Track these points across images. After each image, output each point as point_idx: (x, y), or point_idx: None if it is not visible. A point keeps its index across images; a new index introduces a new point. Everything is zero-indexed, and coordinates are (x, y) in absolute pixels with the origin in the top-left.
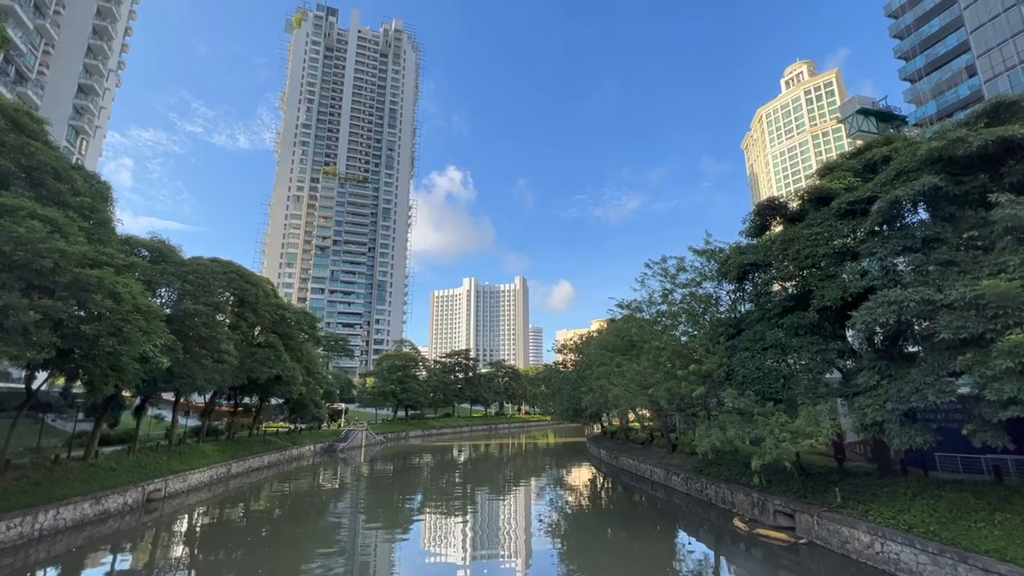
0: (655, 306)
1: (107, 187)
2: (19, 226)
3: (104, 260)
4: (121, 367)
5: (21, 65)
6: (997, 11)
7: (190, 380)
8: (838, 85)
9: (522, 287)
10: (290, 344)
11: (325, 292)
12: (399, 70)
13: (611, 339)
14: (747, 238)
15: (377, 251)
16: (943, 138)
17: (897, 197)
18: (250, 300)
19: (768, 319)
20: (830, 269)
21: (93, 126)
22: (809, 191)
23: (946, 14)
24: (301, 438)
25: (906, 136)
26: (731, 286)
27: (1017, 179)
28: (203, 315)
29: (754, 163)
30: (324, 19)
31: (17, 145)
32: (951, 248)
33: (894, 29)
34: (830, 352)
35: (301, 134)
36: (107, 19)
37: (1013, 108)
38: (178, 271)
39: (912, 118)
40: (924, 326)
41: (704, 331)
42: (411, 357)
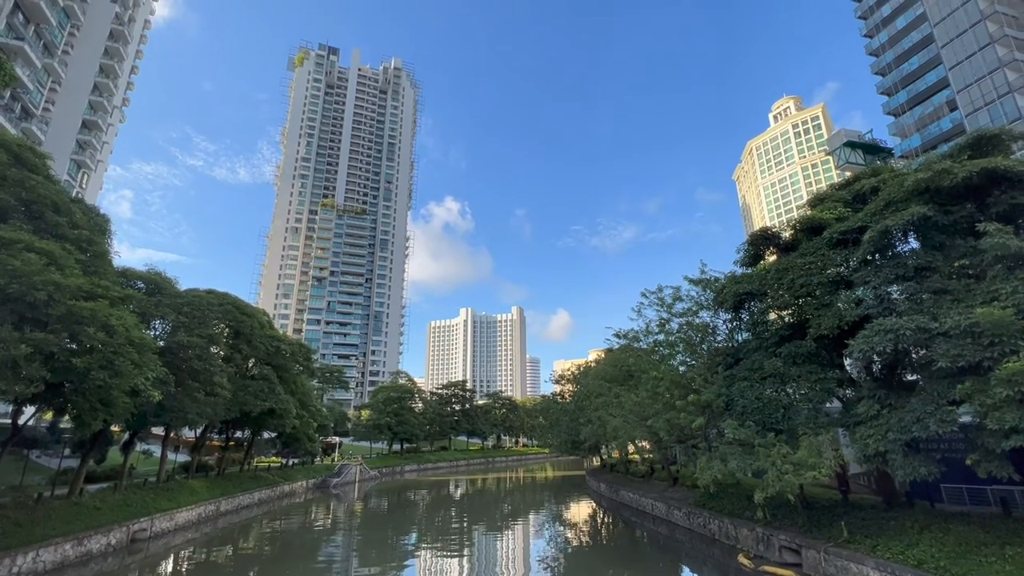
0: (652, 336)
1: (105, 220)
2: (15, 259)
3: (99, 292)
4: (111, 401)
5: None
6: (973, 50)
7: (181, 414)
8: (824, 119)
9: (519, 317)
10: (284, 376)
11: (321, 323)
12: (398, 106)
13: (609, 369)
14: (742, 267)
15: (374, 282)
16: (929, 169)
17: (887, 227)
18: (245, 332)
19: (766, 348)
20: (825, 298)
21: (95, 160)
22: (801, 221)
23: (924, 52)
24: (293, 473)
25: (893, 168)
26: (727, 315)
27: (1003, 208)
28: (197, 347)
29: (746, 193)
30: (326, 58)
31: (18, 179)
32: (943, 276)
33: (876, 66)
34: (829, 381)
35: (301, 167)
36: (114, 58)
37: (994, 141)
38: (173, 303)
39: (898, 150)
40: (921, 354)
41: (702, 361)
42: (407, 389)
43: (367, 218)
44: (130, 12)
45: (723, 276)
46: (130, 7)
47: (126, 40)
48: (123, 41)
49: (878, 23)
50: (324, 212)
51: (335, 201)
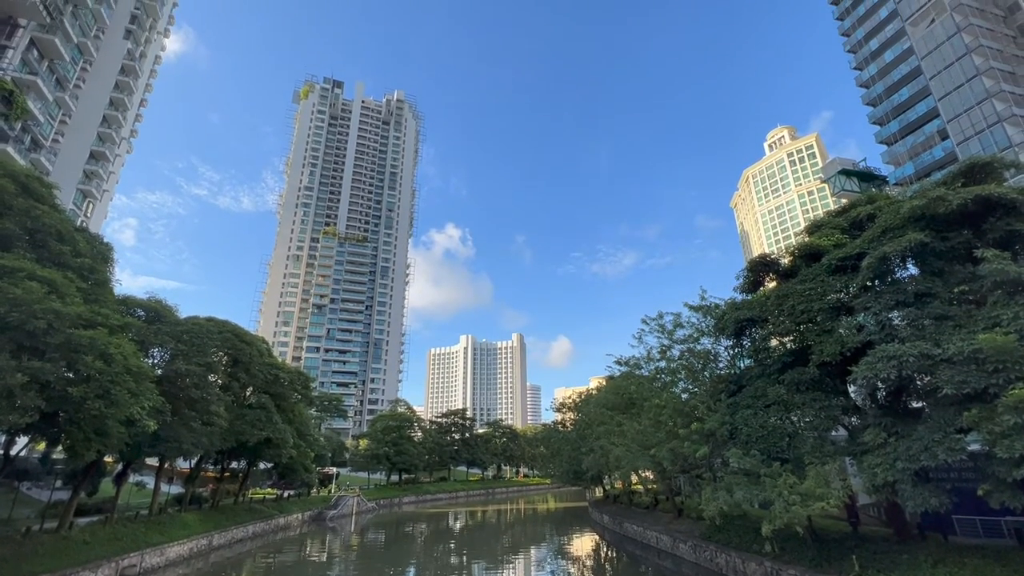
0: (654, 363)
1: (108, 248)
2: (16, 287)
3: (99, 321)
4: (106, 431)
5: (37, 134)
6: (960, 81)
7: (176, 444)
8: (818, 147)
9: (519, 344)
10: (282, 405)
11: (320, 351)
12: (400, 136)
13: (610, 397)
14: (742, 294)
15: (374, 309)
16: (924, 197)
17: (885, 253)
18: (244, 360)
19: (768, 375)
20: (826, 324)
21: (101, 190)
22: (799, 248)
23: (913, 84)
24: (289, 506)
25: (888, 195)
26: (729, 342)
27: (1000, 235)
28: (195, 376)
29: (744, 221)
30: (330, 91)
31: (24, 208)
32: (944, 302)
33: (867, 97)
34: (834, 408)
35: (303, 196)
36: (124, 92)
37: (987, 168)
38: (173, 331)
39: (892, 178)
40: (926, 381)
41: (704, 388)
42: (406, 417)
43: (368, 246)
44: (142, 48)
45: (723, 302)
46: (142, 44)
47: (136, 74)
48: (134, 75)
49: (867, 56)
50: (326, 240)
51: (337, 229)
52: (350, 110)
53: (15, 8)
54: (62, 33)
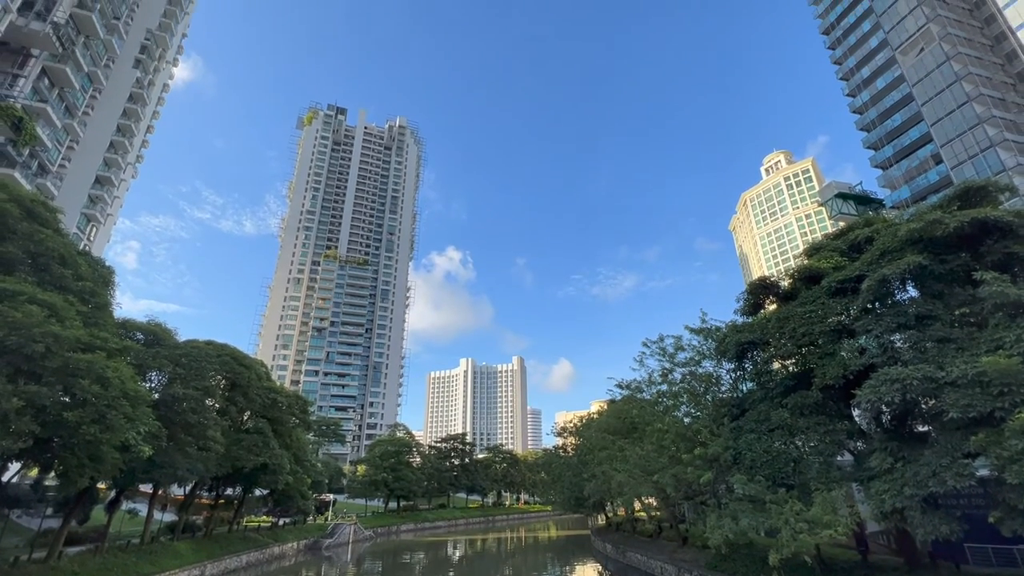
0: (655, 386)
1: (110, 271)
2: (17, 311)
3: (97, 344)
4: (100, 457)
5: (45, 159)
6: (952, 107)
7: (172, 470)
8: (814, 171)
9: (520, 367)
10: (279, 430)
11: (319, 374)
12: (401, 161)
13: (612, 421)
14: (742, 316)
15: (374, 332)
16: (921, 220)
17: (885, 276)
18: (242, 384)
19: (771, 399)
20: (828, 347)
21: (105, 214)
22: (799, 270)
23: (905, 110)
24: (284, 534)
25: (885, 218)
26: (730, 365)
27: (998, 257)
28: (192, 400)
29: (743, 243)
30: (334, 117)
31: (28, 233)
32: (945, 325)
33: (860, 122)
34: (838, 433)
35: (305, 219)
36: (131, 119)
37: (982, 192)
38: (171, 354)
39: (888, 201)
40: (931, 404)
41: (707, 411)
42: (405, 442)
43: (368, 269)
44: (150, 77)
45: (724, 325)
46: (151, 72)
47: (144, 102)
48: (141, 103)
49: (859, 83)
50: (326, 263)
51: (338, 252)
52: (353, 136)
53: (29, 39)
54: (73, 62)
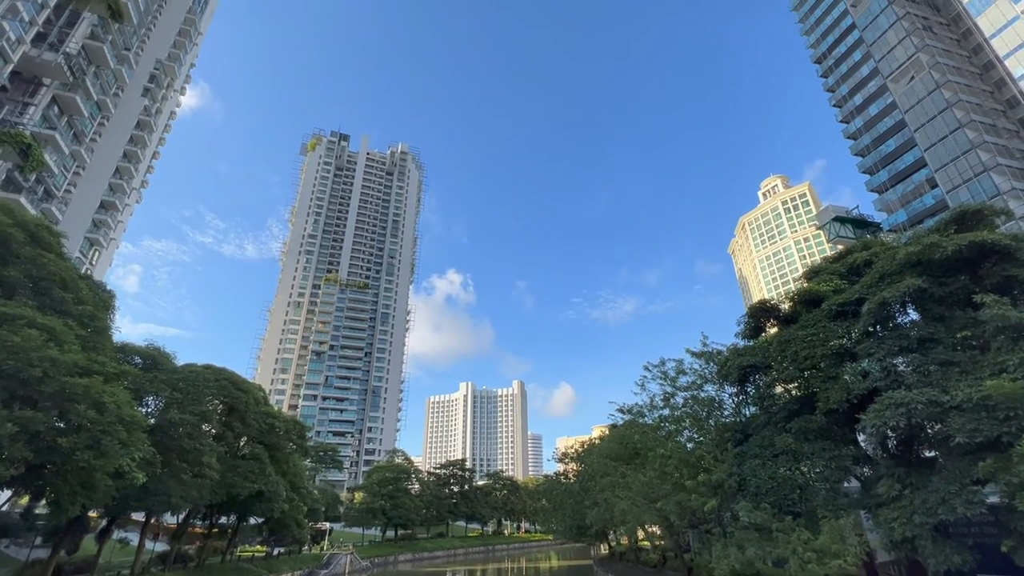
0: (657, 410)
1: (111, 295)
2: (16, 335)
3: (95, 369)
4: (93, 484)
5: (51, 185)
6: (944, 133)
7: (165, 498)
8: (811, 195)
9: (520, 391)
10: (276, 456)
11: (318, 399)
12: (403, 186)
13: (614, 447)
14: (743, 339)
15: (374, 356)
16: (918, 243)
17: (885, 299)
18: (240, 408)
19: (775, 423)
20: (831, 370)
21: (108, 238)
22: (799, 294)
23: (899, 136)
24: (278, 564)
25: (883, 241)
26: (733, 389)
27: (997, 280)
28: (188, 425)
29: (742, 266)
30: (337, 143)
31: (30, 257)
32: (948, 348)
33: (855, 148)
34: (844, 458)
35: (307, 243)
36: (138, 145)
37: (977, 216)
38: (169, 378)
39: (885, 224)
40: (936, 429)
41: (710, 436)
42: (403, 469)
43: (369, 292)
44: (158, 105)
45: (725, 348)
46: (158, 101)
47: (151, 129)
48: (148, 130)
49: (852, 110)
50: (327, 286)
51: (338, 276)
52: (355, 161)
53: (42, 69)
54: (83, 91)
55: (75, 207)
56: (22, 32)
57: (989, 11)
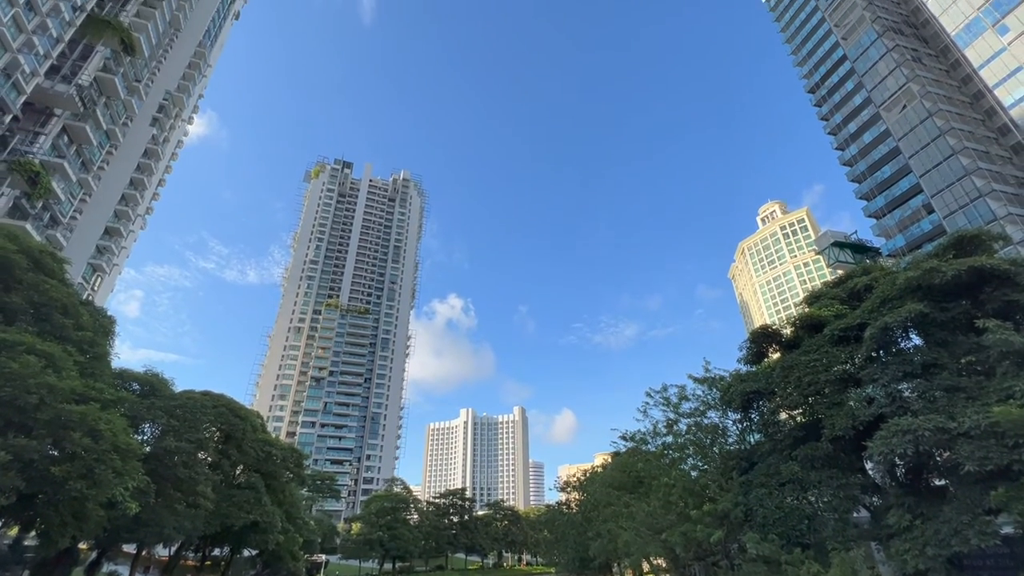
0: (660, 437)
1: (111, 321)
2: (14, 361)
3: (92, 395)
4: (84, 514)
5: (57, 212)
6: (938, 160)
7: (158, 529)
8: (810, 221)
9: (521, 417)
10: (273, 485)
11: (316, 426)
12: (405, 213)
13: (616, 475)
14: (746, 365)
15: (373, 382)
16: (918, 268)
17: (887, 324)
18: (237, 436)
19: (780, 451)
20: (835, 396)
21: (111, 264)
22: (800, 319)
23: (894, 163)
24: None
25: (883, 266)
26: (736, 415)
27: (998, 305)
28: (184, 453)
29: (743, 291)
30: (340, 171)
31: (33, 283)
32: (952, 373)
33: (851, 174)
34: (852, 487)
35: (308, 269)
36: (145, 173)
37: (975, 241)
38: (166, 405)
39: (884, 249)
40: (945, 457)
41: (715, 464)
42: (402, 498)
43: (370, 317)
44: (166, 134)
45: (728, 374)
46: (166, 130)
47: (158, 157)
48: (155, 158)
49: (847, 137)
50: (328, 312)
51: (339, 301)
52: (358, 188)
53: (54, 100)
54: (93, 121)
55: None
56: (36, 65)
57: (976, 43)
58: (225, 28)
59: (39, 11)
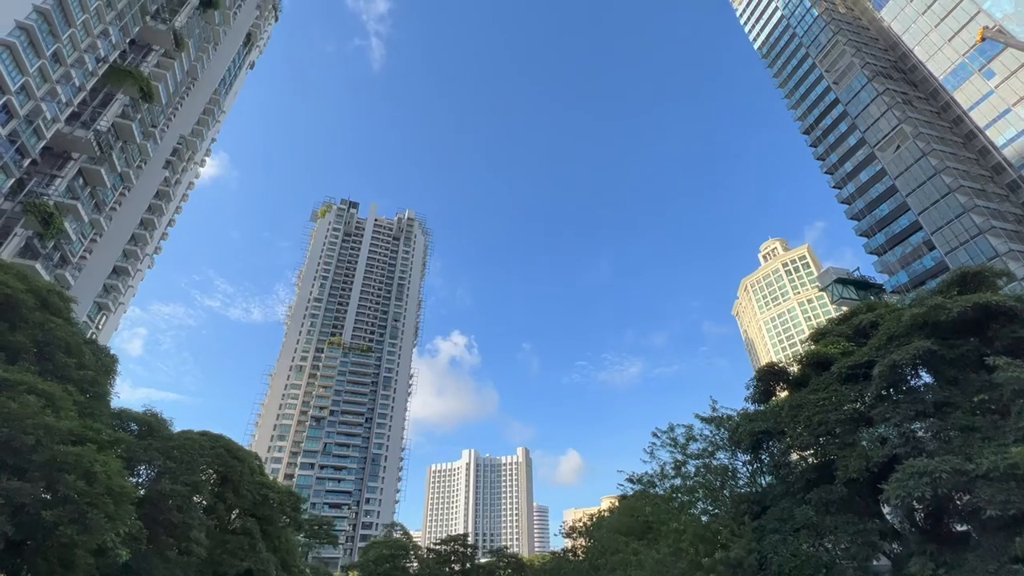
0: (668, 480)
1: (114, 360)
2: (13, 401)
3: (89, 436)
4: (72, 562)
5: (68, 251)
6: (935, 198)
7: None
8: (811, 257)
9: (525, 459)
10: (268, 530)
11: (315, 467)
12: (409, 251)
13: (624, 520)
14: (753, 404)
15: (374, 422)
16: (923, 305)
17: (895, 361)
18: (234, 478)
19: (793, 494)
20: (847, 436)
21: (117, 303)
22: (807, 356)
23: (892, 200)
24: None
25: (887, 303)
26: (746, 456)
27: (1007, 342)
28: (179, 496)
29: (747, 328)
30: (346, 210)
31: (39, 322)
32: (966, 412)
33: (850, 212)
34: (870, 533)
35: (312, 307)
36: (155, 213)
37: (978, 278)
38: (163, 446)
39: (888, 285)
40: (965, 500)
41: (725, 508)
42: (401, 544)
43: (372, 355)
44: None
45: (735, 413)
46: (179, 172)
47: (170, 198)
48: (167, 199)
49: (844, 176)
50: (330, 350)
51: (342, 339)
52: (363, 227)
53: (72, 144)
54: (108, 164)
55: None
56: (57, 112)
57: (964, 87)
58: (240, 77)
59: (64, 62)
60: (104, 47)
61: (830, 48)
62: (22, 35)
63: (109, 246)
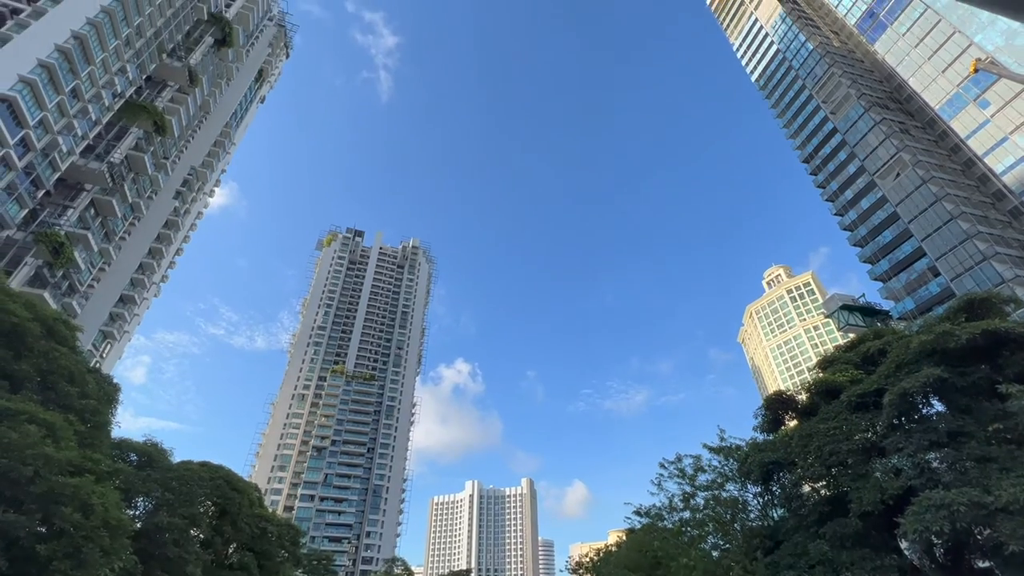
0: (677, 512)
1: (116, 389)
2: (13, 431)
3: (88, 467)
4: None
5: (76, 280)
6: (937, 224)
7: None
8: (816, 284)
9: (530, 490)
10: (266, 565)
11: (315, 499)
12: (413, 279)
13: (632, 555)
14: (762, 433)
15: (376, 451)
16: (931, 331)
17: (905, 389)
18: (232, 511)
19: (807, 528)
20: (859, 467)
21: (122, 331)
22: (815, 384)
23: (894, 227)
24: None
25: (894, 330)
26: (756, 488)
27: (1019, 369)
28: (176, 530)
29: (753, 355)
30: (352, 239)
31: (44, 351)
32: (981, 442)
33: (852, 239)
34: (888, 570)
35: (316, 335)
36: (164, 243)
37: (985, 304)
38: (162, 477)
39: (894, 312)
40: (986, 535)
41: (737, 543)
42: None
43: (375, 384)
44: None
45: (744, 443)
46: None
47: (178, 228)
48: (175, 229)
49: (845, 204)
50: (333, 378)
51: (345, 367)
52: (368, 256)
53: (86, 176)
54: (120, 195)
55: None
56: (73, 145)
57: (960, 116)
58: (251, 110)
59: (82, 98)
60: (121, 83)
61: (826, 79)
62: (43, 73)
63: (117, 275)
